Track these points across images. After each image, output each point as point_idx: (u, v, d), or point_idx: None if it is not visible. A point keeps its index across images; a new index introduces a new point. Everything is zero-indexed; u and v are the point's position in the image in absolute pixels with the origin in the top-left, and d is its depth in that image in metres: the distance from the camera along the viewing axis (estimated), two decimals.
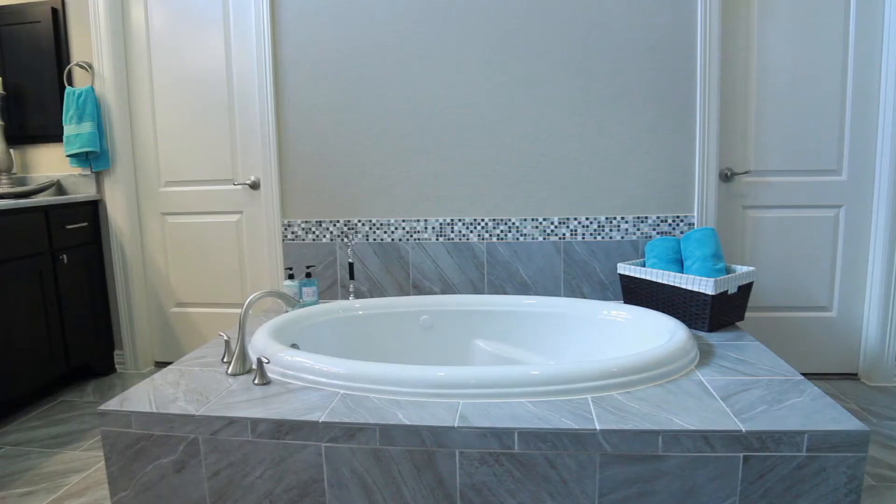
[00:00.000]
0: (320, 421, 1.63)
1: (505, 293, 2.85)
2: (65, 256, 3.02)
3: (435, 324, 2.67)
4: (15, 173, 3.29)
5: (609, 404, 1.67)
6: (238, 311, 3.28)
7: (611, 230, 2.75)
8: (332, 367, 1.86)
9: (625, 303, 2.57)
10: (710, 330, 2.28)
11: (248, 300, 2.04)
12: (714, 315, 2.27)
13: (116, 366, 3.40)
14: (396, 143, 2.87)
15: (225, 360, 2.16)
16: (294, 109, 2.95)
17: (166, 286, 3.35)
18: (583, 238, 2.77)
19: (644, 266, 2.58)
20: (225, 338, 2.18)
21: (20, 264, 2.78)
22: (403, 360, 2.65)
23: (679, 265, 2.50)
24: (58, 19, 3.16)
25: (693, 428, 1.51)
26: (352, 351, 2.58)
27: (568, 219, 2.77)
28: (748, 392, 1.73)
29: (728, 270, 2.46)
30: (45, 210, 2.91)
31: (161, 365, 3.46)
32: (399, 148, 2.87)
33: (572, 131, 2.73)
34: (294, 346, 2.36)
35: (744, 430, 1.49)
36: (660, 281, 2.40)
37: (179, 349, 3.40)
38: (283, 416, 1.66)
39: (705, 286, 2.24)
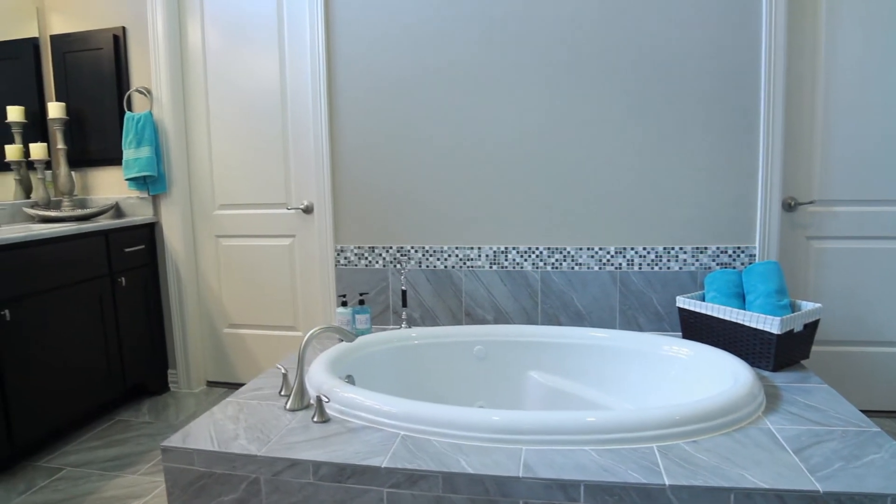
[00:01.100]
0: (383, 466, 1.61)
1: (559, 322, 2.81)
2: (123, 279, 3.08)
3: (489, 354, 2.64)
4: (76, 195, 3.36)
5: (676, 455, 1.62)
6: (289, 333, 3.30)
7: (668, 260, 2.70)
8: (392, 408, 1.85)
9: (684, 337, 2.51)
10: (775, 369, 2.21)
11: (306, 336, 2.04)
12: (779, 354, 2.20)
13: (170, 385, 3.45)
14: (450, 170, 2.86)
15: (282, 393, 2.17)
16: (348, 135, 2.96)
17: (219, 307, 3.39)
18: (639, 268, 2.72)
19: (703, 299, 2.52)
20: (282, 371, 2.19)
21: (82, 288, 2.84)
22: (457, 391, 2.63)
23: (740, 300, 2.43)
24: (119, 46, 3.22)
25: (767, 486, 1.46)
26: (406, 381, 2.57)
27: (625, 248, 2.72)
28: (822, 445, 1.67)
29: (793, 306, 2.38)
30: (106, 234, 2.97)
31: (213, 384, 3.50)
32: (453, 175, 2.86)
33: (630, 159, 2.68)
34: (349, 377, 2.36)
35: (821, 490, 1.44)
36: (721, 317, 2.34)
37: (231, 370, 3.44)
38: (344, 459, 1.66)
39: (770, 325, 2.17)
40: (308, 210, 3.13)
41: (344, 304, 2.77)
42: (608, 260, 2.74)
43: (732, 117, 2.60)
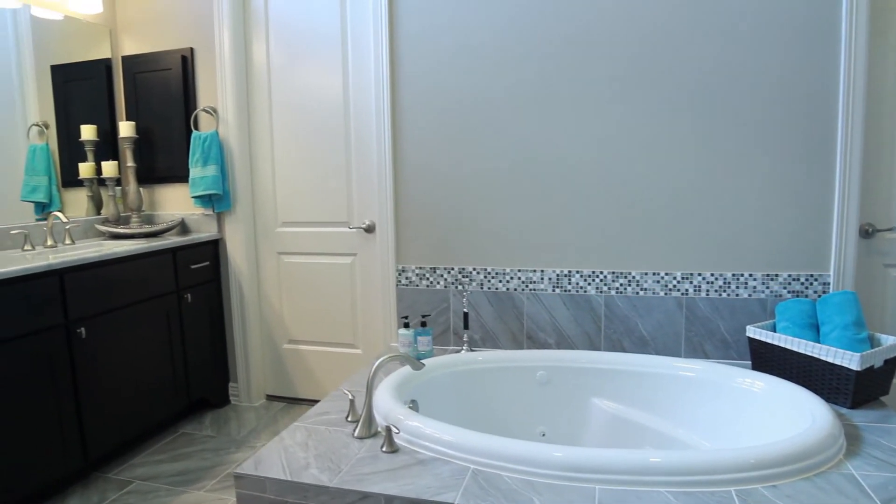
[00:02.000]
0: (455, 503, 1.61)
1: (622, 348, 2.77)
2: (189, 295, 3.14)
3: (552, 379, 2.62)
4: (144, 211, 3.45)
5: (756, 500, 1.58)
6: (348, 351, 3.32)
7: (737, 287, 2.63)
8: (463, 440, 1.84)
9: (753, 368, 2.45)
10: (853, 407, 2.14)
11: (375, 364, 2.05)
12: (857, 391, 2.13)
13: (230, 398, 3.51)
14: (513, 191, 2.85)
15: (349, 419, 2.18)
16: (410, 154, 2.97)
17: (280, 323, 3.44)
18: (706, 294, 2.66)
19: (775, 329, 2.46)
20: (349, 396, 2.20)
21: (151, 304, 2.91)
22: (519, 417, 2.61)
23: (814, 331, 2.36)
24: (186, 66, 3.30)
25: None
26: (469, 406, 2.57)
27: (691, 274, 2.67)
28: None
29: (872, 340, 2.30)
30: (174, 252, 3.04)
31: (272, 398, 3.55)
32: (516, 196, 2.84)
33: (698, 183, 2.63)
34: (413, 402, 2.36)
35: None
36: (795, 349, 2.27)
37: (290, 385, 3.48)
38: (416, 493, 1.66)
39: (849, 361, 2.10)
40: (370, 229, 3.15)
41: (406, 325, 2.77)
42: (674, 285, 2.69)
43: (807, 140, 2.52)
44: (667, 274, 2.70)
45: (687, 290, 2.68)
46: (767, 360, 2.40)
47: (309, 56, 3.18)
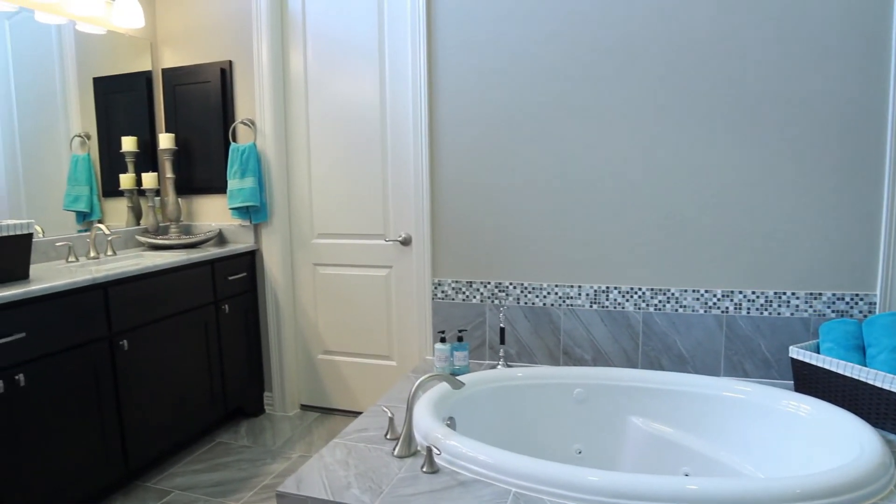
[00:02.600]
0: None
1: (660, 365, 2.74)
2: (226, 306, 3.18)
3: (589, 397, 2.60)
4: (182, 221, 3.49)
5: None
6: (383, 362, 3.33)
7: (779, 306, 2.59)
8: (504, 463, 1.83)
9: (796, 390, 2.41)
10: None
11: (416, 384, 2.05)
12: None
13: (265, 406, 3.54)
14: (551, 206, 2.83)
15: (388, 436, 2.18)
16: (448, 167, 2.97)
17: (315, 334, 3.46)
18: (747, 312, 2.62)
19: (818, 350, 2.41)
20: (389, 414, 2.20)
21: (190, 315, 2.95)
22: (555, 434, 2.60)
23: (860, 353, 2.31)
24: (225, 79, 3.33)
25: None
26: (505, 422, 2.56)
27: (732, 292, 2.63)
28: None
29: None
30: (212, 263, 3.07)
31: (306, 408, 3.57)
32: (553, 211, 2.83)
33: (740, 199, 2.59)
34: (451, 419, 2.36)
35: None
36: (841, 372, 2.23)
37: (324, 395, 3.50)
38: None
39: None
40: (406, 242, 3.16)
41: (443, 339, 2.77)
42: (714, 303, 2.66)
43: (854, 154, 2.47)
44: (707, 291, 2.66)
45: (727, 307, 2.64)
46: (811, 382, 2.35)
47: (346, 67, 3.20)
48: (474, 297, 2.98)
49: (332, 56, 3.22)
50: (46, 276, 2.47)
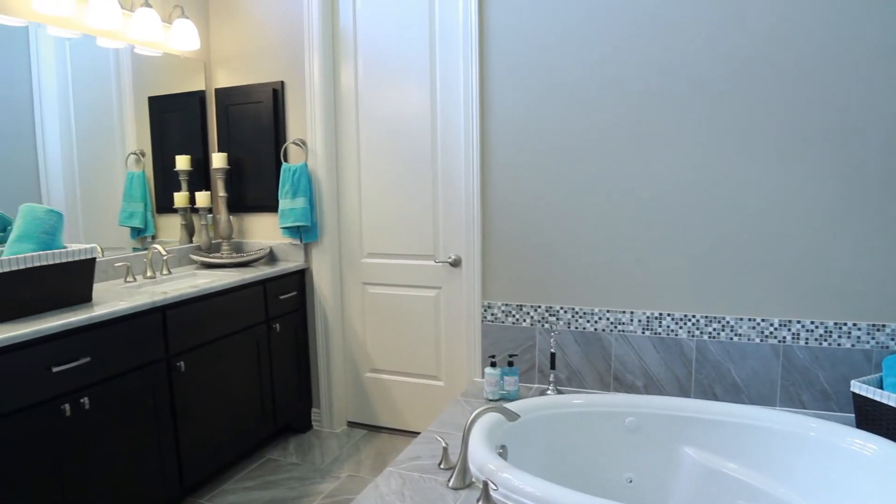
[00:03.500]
0: None
1: (714, 394, 2.70)
2: (277, 325, 3.22)
3: (641, 426, 2.57)
4: (233, 239, 3.55)
5: None
6: (431, 382, 3.34)
7: (839, 336, 2.53)
8: (559, 499, 1.82)
9: (857, 426, 2.35)
10: None
11: (472, 416, 2.05)
12: None
13: (313, 423, 3.57)
14: (603, 230, 2.81)
15: (442, 466, 2.19)
16: (499, 189, 2.97)
17: (363, 352, 3.48)
18: (806, 343, 2.57)
19: (882, 386, 2.35)
20: (443, 444, 2.21)
21: (243, 335, 3.00)
22: (606, 462, 2.57)
23: None
24: (277, 99, 3.38)
25: None
26: (555, 450, 2.55)
27: (790, 321, 2.58)
28: None
29: None
30: (264, 283, 3.12)
31: (353, 425, 3.60)
32: (605, 236, 2.81)
33: (800, 227, 2.54)
34: (503, 447, 2.36)
35: None
36: None
37: (371, 412, 3.52)
38: None
39: None
40: (455, 263, 3.16)
41: (493, 364, 2.77)
42: (771, 332, 2.61)
43: None
44: (763, 320, 2.62)
45: (784, 337, 2.60)
46: (874, 418, 2.30)
47: (397, 86, 3.21)
48: (524, 320, 2.97)
49: (382, 75, 3.24)
50: (107, 298, 2.53)
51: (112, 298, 2.53)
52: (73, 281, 2.39)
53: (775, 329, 2.60)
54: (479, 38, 2.92)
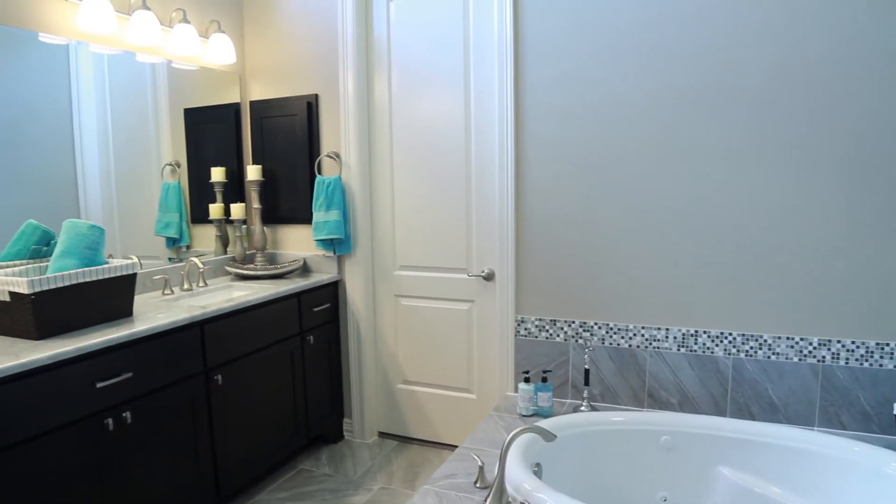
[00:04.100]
0: None
1: (750, 412, 2.67)
2: (311, 337, 3.24)
3: (676, 444, 2.55)
4: (267, 250, 3.59)
5: None
6: (462, 395, 3.35)
7: (881, 357, 2.49)
8: None
9: None
10: None
11: (508, 437, 2.05)
12: None
13: (345, 433, 3.60)
14: (638, 245, 2.80)
15: (478, 485, 2.20)
16: (533, 204, 2.97)
17: (395, 363, 3.50)
18: (846, 363, 2.53)
19: None
20: (479, 463, 2.22)
21: (278, 347, 3.03)
22: (639, 480, 2.56)
23: None
24: (311, 112, 3.41)
25: None
26: (592, 467, 2.54)
27: (829, 340, 2.55)
28: None
29: None
30: (298, 296, 3.15)
31: (384, 435, 3.61)
32: (641, 251, 2.79)
33: (842, 245, 2.51)
34: (538, 465, 2.36)
35: None
36: None
37: (402, 424, 3.54)
38: None
39: None
40: (489, 277, 3.17)
41: (527, 379, 2.77)
42: (809, 351, 2.58)
43: None
44: (802, 339, 2.59)
45: (824, 356, 2.56)
46: None
47: (430, 98, 3.22)
48: (558, 335, 2.97)
49: (416, 86, 3.25)
50: (147, 311, 2.57)
51: (151, 312, 2.57)
52: (116, 296, 2.44)
53: (814, 348, 2.57)
54: (514, 51, 2.92)
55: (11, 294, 2.16)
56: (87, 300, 2.33)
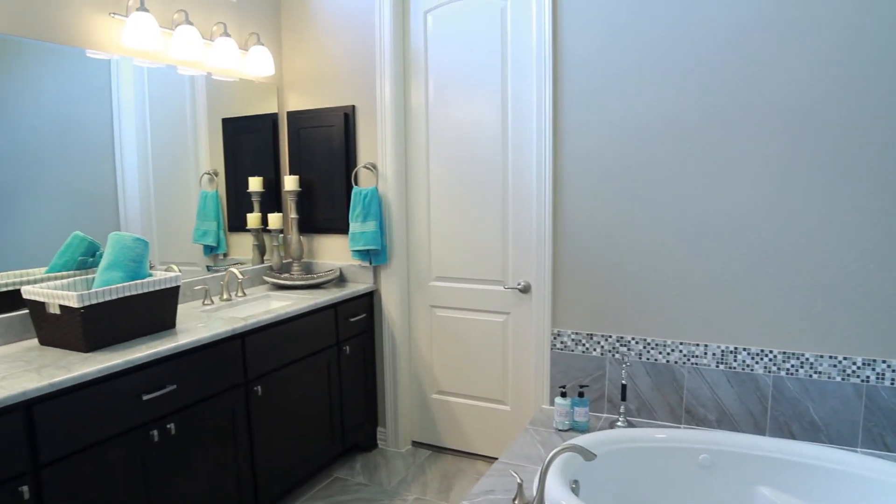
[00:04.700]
0: None
1: (790, 432, 2.64)
2: (347, 347, 3.27)
3: (715, 463, 2.53)
4: (303, 259, 3.62)
5: None
6: (497, 406, 3.35)
7: None
8: None
9: None
10: None
11: (549, 456, 2.06)
12: None
13: (378, 442, 3.62)
14: (676, 261, 2.78)
15: (516, 502, 2.20)
16: (571, 217, 2.96)
17: (429, 373, 3.52)
18: (891, 383, 2.49)
19: None
20: (518, 480, 2.22)
21: (316, 358, 3.06)
22: (676, 499, 2.55)
23: None
24: (348, 123, 3.43)
25: None
26: (629, 485, 2.53)
27: (874, 360, 2.51)
28: None
29: None
30: (335, 307, 3.17)
31: (417, 444, 3.63)
32: (680, 267, 2.78)
33: (888, 263, 2.46)
34: (575, 482, 2.36)
35: None
36: None
37: (436, 433, 3.55)
38: None
39: None
40: (525, 290, 3.16)
41: (563, 394, 2.77)
42: (853, 371, 2.54)
43: None
44: (845, 358, 2.55)
45: (868, 377, 2.52)
46: None
47: (467, 109, 3.23)
48: (594, 349, 2.96)
49: (453, 97, 3.26)
50: (188, 322, 2.62)
51: (193, 323, 2.62)
52: (160, 308, 2.48)
53: (858, 368, 2.53)
54: (552, 63, 2.91)
55: (62, 307, 2.21)
56: (133, 312, 2.37)
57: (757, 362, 2.68)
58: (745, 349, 2.69)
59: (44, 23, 2.46)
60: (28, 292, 2.29)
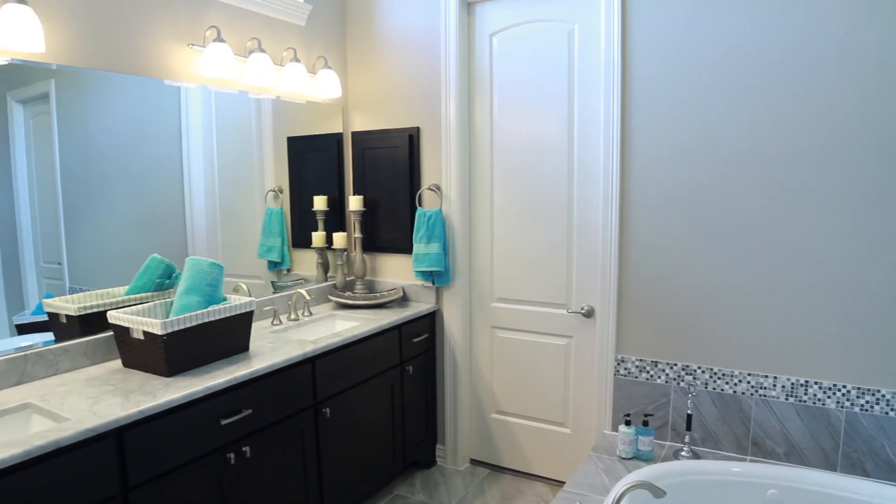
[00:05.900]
0: None
1: (863, 469, 2.58)
2: (410, 367, 3.32)
3: (784, 500, 2.50)
4: (366, 278, 3.69)
5: None
6: (557, 429, 3.35)
7: None
8: None
9: None
10: None
11: (619, 491, 2.06)
12: None
13: (437, 459, 3.66)
14: (747, 289, 2.74)
15: None
16: (636, 242, 2.95)
17: (489, 394, 3.54)
18: None
19: None
20: None
21: (380, 379, 3.11)
22: None
23: None
24: (412, 145, 3.48)
25: None
26: None
27: None
28: None
29: None
30: (399, 328, 3.22)
31: (476, 463, 3.66)
32: (749, 295, 2.74)
33: None
34: None
35: None
36: None
37: (495, 452, 3.57)
38: None
39: None
40: (589, 314, 3.16)
41: (627, 422, 2.77)
42: None
43: None
44: None
45: None
46: None
47: (531, 130, 3.24)
48: (659, 377, 2.94)
49: (517, 118, 3.27)
50: (260, 344, 2.70)
51: (263, 343, 2.70)
52: (235, 332, 2.56)
53: None
54: (621, 82, 2.90)
55: (146, 333, 2.30)
56: (211, 337, 2.46)
57: (829, 396, 2.63)
58: (816, 382, 2.64)
59: (129, 56, 2.56)
60: (114, 317, 2.39)
